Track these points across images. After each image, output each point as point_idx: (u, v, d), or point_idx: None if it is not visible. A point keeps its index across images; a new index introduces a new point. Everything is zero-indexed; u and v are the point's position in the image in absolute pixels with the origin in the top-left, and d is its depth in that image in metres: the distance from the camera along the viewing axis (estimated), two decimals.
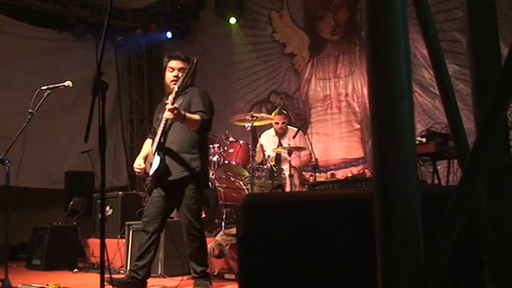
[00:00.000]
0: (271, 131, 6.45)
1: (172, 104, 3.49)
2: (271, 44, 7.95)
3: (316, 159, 6.15)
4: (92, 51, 7.48)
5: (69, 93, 7.09)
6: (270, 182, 5.62)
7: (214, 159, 5.80)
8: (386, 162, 0.63)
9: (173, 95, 3.54)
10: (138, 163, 3.83)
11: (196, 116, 3.65)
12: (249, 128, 5.51)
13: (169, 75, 3.85)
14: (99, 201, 6.11)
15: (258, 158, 5.97)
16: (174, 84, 3.73)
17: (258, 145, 6.21)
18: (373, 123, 0.64)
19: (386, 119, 0.61)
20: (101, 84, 2.43)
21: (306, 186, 5.78)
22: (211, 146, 5.95)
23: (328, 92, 7.24)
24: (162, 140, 3.68)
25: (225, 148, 5.88)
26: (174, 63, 3.86)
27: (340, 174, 6.79)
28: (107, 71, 2.46)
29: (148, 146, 3.95)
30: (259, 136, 6.51)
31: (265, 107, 7.89)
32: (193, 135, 3.74)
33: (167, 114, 3.52)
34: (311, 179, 6.14)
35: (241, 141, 5.85)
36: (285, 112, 6.48)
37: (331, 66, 7.27)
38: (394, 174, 0.62)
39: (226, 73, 8.41)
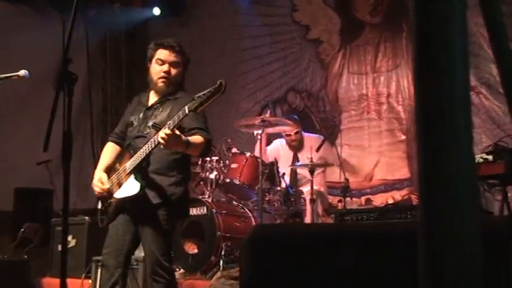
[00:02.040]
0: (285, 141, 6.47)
1: (173, 130, 3.39)
2: (291, 26, 7.98)
3: (346, 179, 6.13)
4: (56, 31, 7.53)
5: (24, 85, 7.15)
6: (285, 208, 5.62)
7: (212, 176, 5.78)
8: (437, 189, 0.63)
9: (175, 120, 3.41)
10: (100, 178, 3.80)
11: (198, 139, 3.63)
12: (259, 136, 5.51)
13: (157, 70, 3.86)
14: (59, 228, 6.13)
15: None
16: (163, 83, 3.81)
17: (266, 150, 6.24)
18: (420, 139, 0.64)
19: (437, 134, 0.62)
20: (68, 76, 2.46)
21: (333, 215, 5.76)
22: (207, 159, 5.95)
23: (364, 91, 7.25)
24: (144, 164, 3.66)
25: (227, 162, 5.88)
26: (165, 55, 3.86)
27: (379, 200, 6.76)
28: (74, 58, 2.49)
29: (110, 154, 3.94)
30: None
31: (281, 108, 7.90)
32: (171, 152, 3.74)
33: (161, 140, 3.42)
34: (339, 206, 6.13)
35: (247, 154, 5.85)
36: (296, 118, 6.45)
37: (368, 58, 7.28)
38: (446, 203, 0.62)
39: (230, 63, 8.44)
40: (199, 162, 6.14)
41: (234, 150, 6.00)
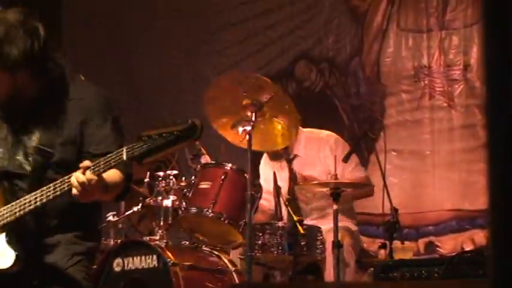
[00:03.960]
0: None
1: (84, 172, 3.38)
2: None
3: (394, 209, 6.09)
4: None
5: None
6: (291, 257, 5.67)
7: (167, 203, 5.82)
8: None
9: (100, 165, 3.40)
10: None
11: (117, 177, 3.66)
12: (247, 137, 5.56)
13: None
14: None
15: (263, 214, 6.07)
16: None
17: (261, 180, 6.31)
18: (492, 153, 0.70)
19: None
20: None
21: (371, 269, 5.77)
22: (161, 173, 5.92)
23: (424, 62, 7.28)
24: (20, 214, 3.65)
25: (192, 180, 5.93)
26: None
27: (449, 245, 6.78)
28: None
29: None
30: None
31: (285, 87, 7.83)
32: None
33: (77, 186, 3.43)
34: (382, 254, 6.18)
35: (228, 166, 5.91)
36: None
37: (433, 4, 7.31)
38: None
39: (201, 12, 8.52)
40: (146, 179, 6.10)
41: (205, 159, 6.05)
